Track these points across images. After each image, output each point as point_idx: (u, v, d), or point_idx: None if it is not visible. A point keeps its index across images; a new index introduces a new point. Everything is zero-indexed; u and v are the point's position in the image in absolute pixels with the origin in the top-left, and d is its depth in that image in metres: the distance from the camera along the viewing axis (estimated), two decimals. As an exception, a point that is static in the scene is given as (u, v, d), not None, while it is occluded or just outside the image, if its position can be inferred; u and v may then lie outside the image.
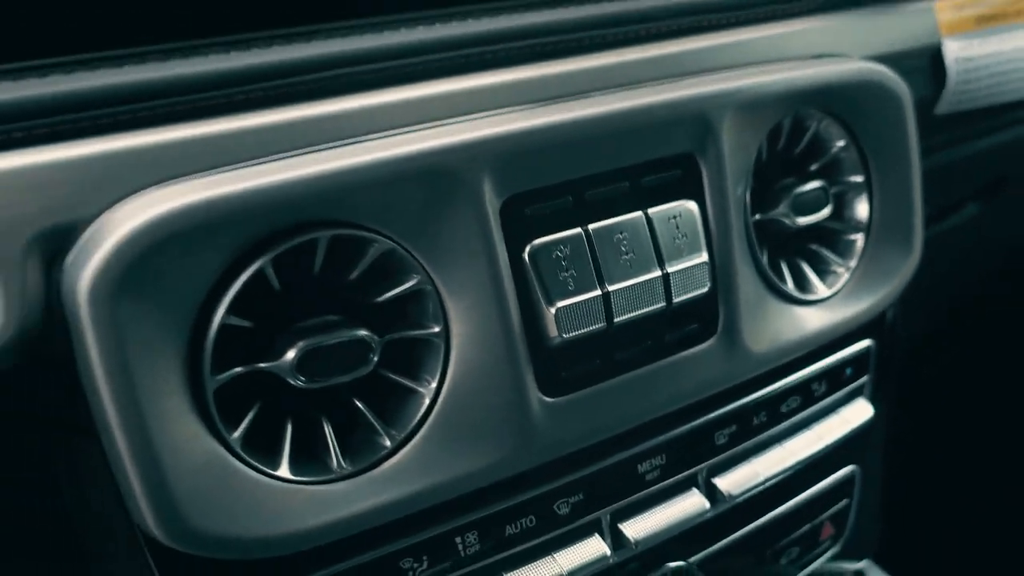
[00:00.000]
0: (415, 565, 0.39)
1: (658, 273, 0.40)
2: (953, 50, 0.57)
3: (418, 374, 0.37)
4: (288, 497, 0.34)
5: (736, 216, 0.43)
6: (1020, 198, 0.80)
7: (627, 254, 0.39)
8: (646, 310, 0.40)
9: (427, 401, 0.37)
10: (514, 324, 0.37)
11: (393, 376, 0.37)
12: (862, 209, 0.50)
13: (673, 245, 0.40)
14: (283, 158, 0.34)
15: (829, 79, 0.46)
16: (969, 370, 1.00)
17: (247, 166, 0.33)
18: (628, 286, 0.39)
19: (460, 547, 0.40)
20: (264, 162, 0.33)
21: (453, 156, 0.35)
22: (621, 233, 0.39)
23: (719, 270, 0.43)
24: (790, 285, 0.48)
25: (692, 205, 0.41)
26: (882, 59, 0.52)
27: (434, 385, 0.37)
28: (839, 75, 0.46)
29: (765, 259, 0.46)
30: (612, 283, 0.39)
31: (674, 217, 0.41)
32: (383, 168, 0.34)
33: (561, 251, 0.38)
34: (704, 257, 0.41)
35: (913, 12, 0.56)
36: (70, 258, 0.30)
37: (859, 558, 0.60)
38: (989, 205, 0.76)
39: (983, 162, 0.69)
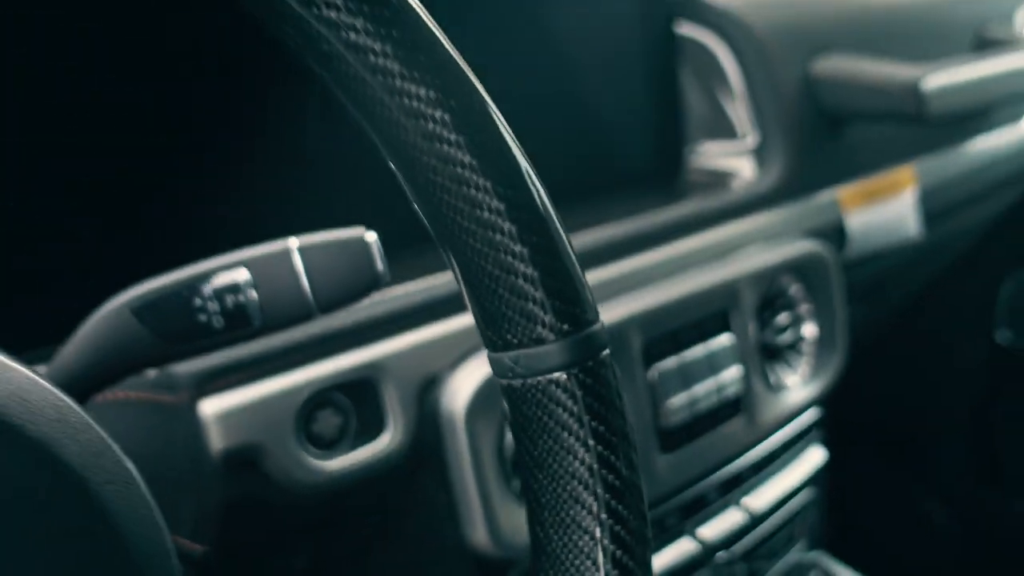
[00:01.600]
0: None
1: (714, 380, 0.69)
2: (851, 221, 0.89)
3: None
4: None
5: (752, 342, 0.73)
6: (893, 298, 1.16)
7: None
8: (711, 403, 0.69)
9: None
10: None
11: None
12: (810, 330, 0.81)
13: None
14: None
15: (799, 252, 0.77)
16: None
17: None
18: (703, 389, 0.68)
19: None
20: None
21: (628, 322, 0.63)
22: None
23: (746, 375, 0.72)
24: (774, 381, 0.78)
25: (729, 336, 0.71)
26: (813, 233, 0.83)
27: None
28: (802, 250, 0.78)
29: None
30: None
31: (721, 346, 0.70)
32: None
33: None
34: (739, 369, 0.71)
35: (826, 200, 0.88)
36: (443, 393, 0.56)
37: (811, 549, 0.90)
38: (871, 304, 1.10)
39: (870, 280, 1.02)
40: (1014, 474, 1.46)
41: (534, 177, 0.31)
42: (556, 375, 0.31)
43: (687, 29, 0.89)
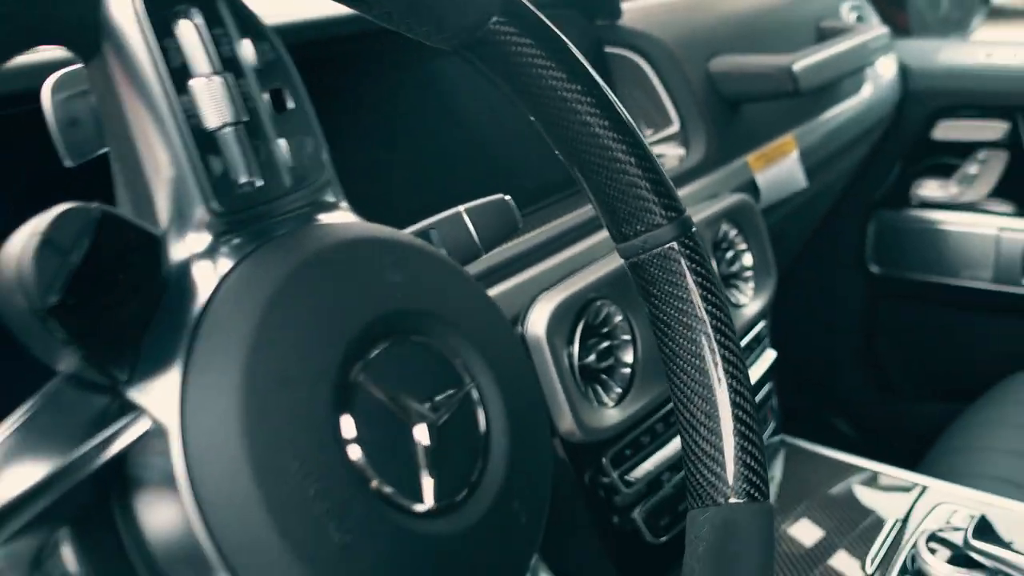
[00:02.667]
0: None
1: None
2: (759, 178, 1.16)
3: None
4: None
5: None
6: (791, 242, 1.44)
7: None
8: None
9: None
10: None
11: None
12: (748, 260, 1.06)
13: None
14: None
15: (733, 203, 1.02)
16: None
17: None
18: None
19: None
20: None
21: None
22: None
23: None
24: (733, 300, 1.02)
25: None
26: (737, 190, 1.09)
27: None
28: (735, 200, 1.02)
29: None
30: None
31: None
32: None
33: None
34: None
35: (739, 165, 1.14)
36: (526, 324, 0.77)
37: (776, 433, 1.14)
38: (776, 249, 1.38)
39: (775, 227, 1.29)
40: (898, 381, 1.77)
41: (636, 129, 0.53)
42: (671, 244, 0.53)
43: (613, 49, 1.13)
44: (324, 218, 0.41)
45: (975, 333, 1.64)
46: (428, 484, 0.37)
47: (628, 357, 0.85)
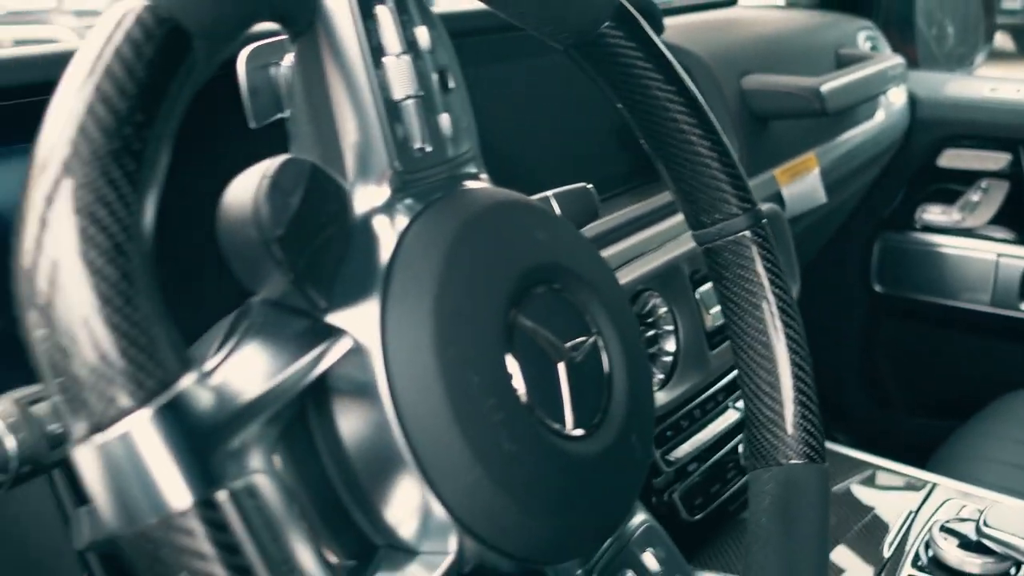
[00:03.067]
0: None
1: None
2: (784, 192, 1.23)
3: None
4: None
5: None
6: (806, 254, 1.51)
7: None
8: None
9: None
10: None
11: None
12: (776, 266, 1.12)
13: None
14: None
15: (770, 211, 1.09)
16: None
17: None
18: None
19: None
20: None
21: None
22: None
23: None
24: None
25: None
26: (766, 200, 1.15)
27: None
28: (770, 210, 1.09)
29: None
30: None
31: None
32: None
33: None
34: None
35: (768, 178, 1.21)
36: None
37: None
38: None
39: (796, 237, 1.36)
40: (898, 396, 1.85)
41: (720, 130, 0.59)
42: (745, 233, 0.59)
43: (654, 63, 1.20)
44: (474, 184, 0.47)
45: (973, 354, 1.72)
46: (569, 412, 0.43)
47: (670, 346, 0.91)
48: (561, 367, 0.43)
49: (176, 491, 0.30)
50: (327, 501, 0.40)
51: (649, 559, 0.50)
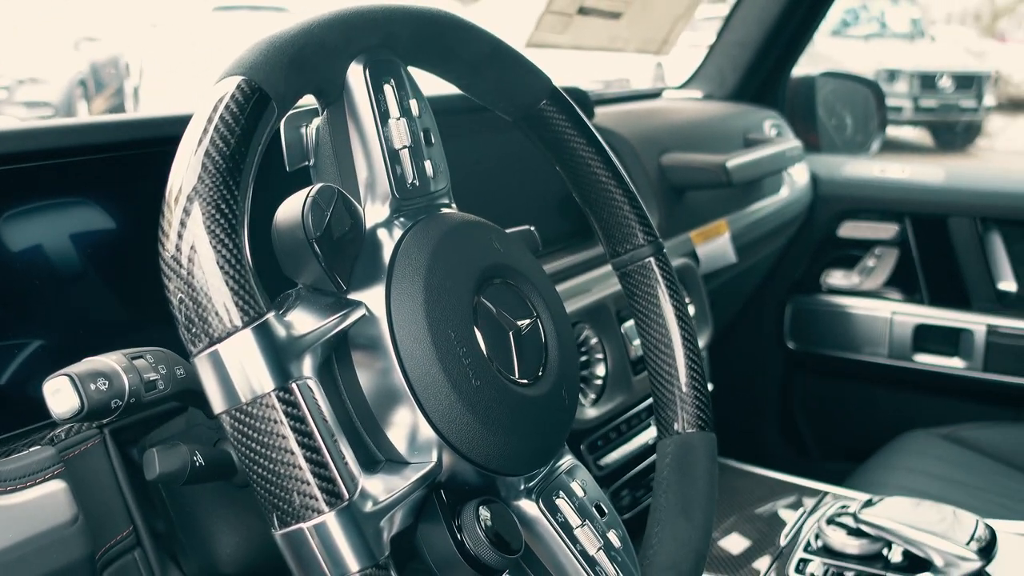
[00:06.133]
0: None
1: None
2: (699, 250, 1.44)
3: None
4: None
5: None
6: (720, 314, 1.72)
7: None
8: None
9: None
10: None
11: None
12: (692, 310, 1.32)
13: None
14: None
15: (680, 264, 1.29)
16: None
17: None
18: None
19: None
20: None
21: None
22: None
23: None
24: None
25: None
26: (683, 257, 1.36)
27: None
28: (683, 263, 1.29)
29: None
30: None
31: None
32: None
33: None
34: None
35: (683, 239, 1.42)
36: None
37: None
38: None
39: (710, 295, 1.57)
40: (812, 441, 2.04)
41: (629, 181, 0.78)
42: (649, 259, 0.78)
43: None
44: (448, 211, 0.65)
45: (875, 400, 1.93)
46: (517, 366, 0.61)
47: (600, 371, 1.09)
48: (511, 336, 0.61)
49: (264, 381, 0.47)
50: (345, 425, 0.57)
51: (576, 487, 0.66)
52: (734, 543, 1.12)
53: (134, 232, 0.77)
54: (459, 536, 0.55)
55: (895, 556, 1.03)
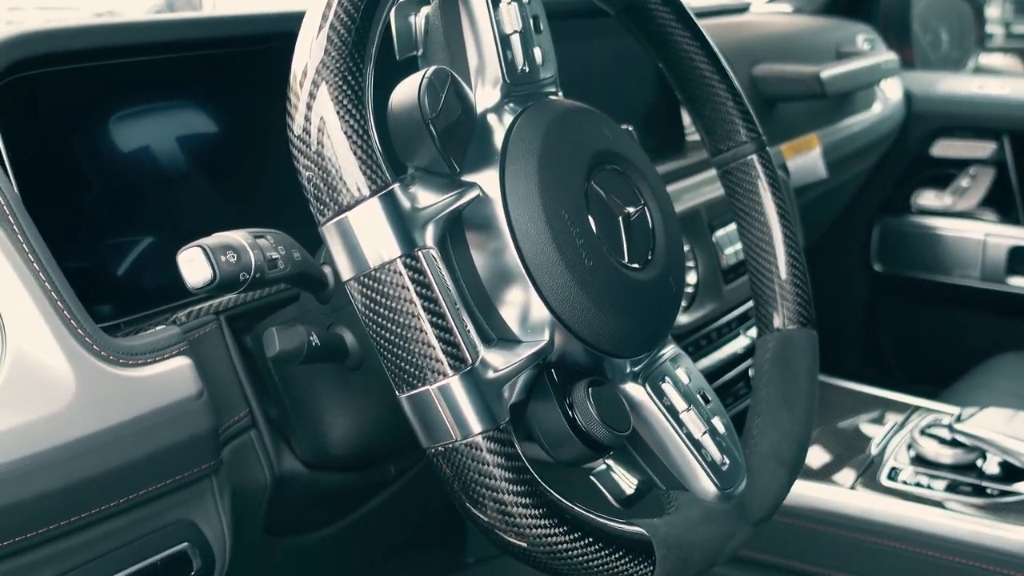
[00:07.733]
0: None
1: None
2: (789, 164, 1.41)
3: None
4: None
5: None
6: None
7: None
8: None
9: None
10: None
11: None
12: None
13: None
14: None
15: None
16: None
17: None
18: None
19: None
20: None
21: None
22: None
23: None
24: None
25: None
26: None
27: None
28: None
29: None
30: None
31: None
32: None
33: None
34: None
35: (775, 151, 1.39)
36: None
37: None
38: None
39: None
40: (898, 366, 2.01)
41: (733, 76, 0.77)
42: (752, 156, 0.77)
43: (675, 52, 1.39)
44: (556, 98, 0.65)
45: (965, 324, 1.89)
46: (626, 251, 0.61)
47: (692, 279, 1.09)
48: (620, 221, 0.61)
49: (391, 247, 0.48)
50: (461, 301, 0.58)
51: (681, 374, 0.67)
52: (822, 453, 1.11)
53: (245, 130, 0.78)
54: (571, 413, 0.56)
55: (990, 467, 1.01)
